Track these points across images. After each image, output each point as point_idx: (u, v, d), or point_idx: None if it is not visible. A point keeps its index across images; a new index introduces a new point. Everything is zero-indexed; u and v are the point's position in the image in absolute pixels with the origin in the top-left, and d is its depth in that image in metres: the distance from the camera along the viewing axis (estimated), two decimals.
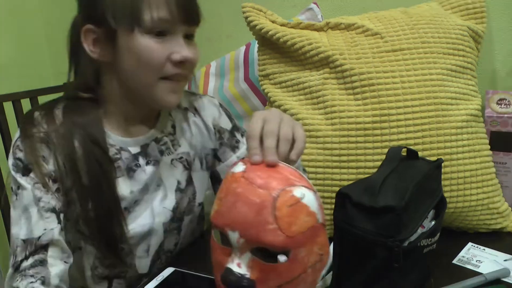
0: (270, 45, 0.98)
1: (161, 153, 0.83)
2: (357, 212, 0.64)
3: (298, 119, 0.92)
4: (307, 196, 0.57)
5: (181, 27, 0.73)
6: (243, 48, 1.21)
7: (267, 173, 0.58)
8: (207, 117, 0.90)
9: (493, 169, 0.91)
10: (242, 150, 0.91)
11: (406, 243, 0.64)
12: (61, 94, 1.34)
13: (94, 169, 0.75)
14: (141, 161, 0.81)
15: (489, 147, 0.91)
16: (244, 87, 1.18)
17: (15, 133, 0.76)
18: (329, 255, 0.62)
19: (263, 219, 0.55)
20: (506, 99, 1.00)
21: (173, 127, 0.86)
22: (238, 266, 0.57)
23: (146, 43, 0.71)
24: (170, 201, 0.84)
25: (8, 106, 1.21)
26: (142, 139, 0.82)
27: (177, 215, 0.86)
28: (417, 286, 0.69)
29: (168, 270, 0.80)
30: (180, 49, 0.73)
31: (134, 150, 0.81)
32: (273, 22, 0.98)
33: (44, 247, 0.70)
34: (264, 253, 0.57)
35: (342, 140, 0.88)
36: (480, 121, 0.92)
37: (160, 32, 0.72)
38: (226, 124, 0.91)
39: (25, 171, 0.72)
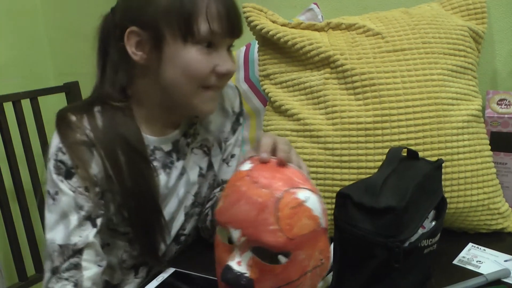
0: (270, 45, 0.98)
1: (188, 145, 0.87)
2: (358, 212, 0.64)
3: (299, 119, 0.92)
4: (311, 199, 0.56)
5: (227, 39, 0.76)
6: (243, 49, 1.21)
7: (272, 174, 0.58)
8: (225, 101, 0.93)
9: (494, 170, 0.91)
10: (238, 131, 0.96)
11: (406, 244, 0.64)
12: (61, 94, 1.35)
13: (136, 173, 0.76)
14: (174, 157, 0.85)
15: (489, 147, 0.91)
16: (245, 87, 1.18)
17: (53, 137, 0.75)
18: (330, 259, 0.62)
19: (265, 219, 0.55)
20: (506, 100, 1.00)
21: (196, 117, 0.88)
22: (238, 264, 0.57)
23: (194, 54, 0.72)
24: (193, 187, 0.88)
25: (8, 107, 1.21)
26: (172, 136, 0.84)
27: (198, 200, 0.89)
28: (417, 287, 0.69)
29: (169, 271, 0.81)
30: (224, 62, 0.75)
31: (167, 147, 0.83)
32: (273, 22, 0.98)
33: (79, 251, 0.72)
34: (265, 253, 0.57)
35: (343, 140, 0.88)
36: (480, 122, 0.92)
37: (209, 43, 0.73)
38: (237, 107, 0.96)
39: (68, 175, 0.73)
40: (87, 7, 1.51)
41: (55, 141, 0.74)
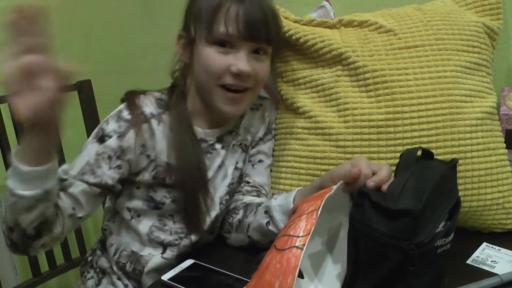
0: (282, 42, 0.98)
1: (232, 139, 0.94)
2: (374, 213, 0.63)
3: (311, 117, 0.92)
4: None
5: (247, 43, 0.81)
6: None
7: None
8: (266, 112, 1.00)
9: (509, 168, 0.89)
10: (270, 143, 1.01)
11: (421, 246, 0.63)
12: (74, 92, 1.36)
13: (188, 151, 0.85)
14: (217, 146, 0.92)
15: (504, 145, 0.90)
16: None
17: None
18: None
19: None
20: None
21: (241, 117, 0.96)
22: None
23: (211, 52, 0.81)
24: (228, 179, 0.93)
25: None
26: (217, 131, 0.91)
27: (231, 190, 0.94)
28: (431, 287, 0.68)
29: (188, 262, 0.83)
30: (238, 62, 0.80)
31: (211, 140, 0.91)
32: (285, 19, 0.98)
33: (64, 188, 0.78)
34: None
35: (355, 137, 0.88)
36: (495, 119, 0.91)
37: (222, 43, 0.81)
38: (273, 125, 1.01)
39: (100, 140, 0.81)
40: (98, 6, 1.52)
41: (111, 113, 0.84)
